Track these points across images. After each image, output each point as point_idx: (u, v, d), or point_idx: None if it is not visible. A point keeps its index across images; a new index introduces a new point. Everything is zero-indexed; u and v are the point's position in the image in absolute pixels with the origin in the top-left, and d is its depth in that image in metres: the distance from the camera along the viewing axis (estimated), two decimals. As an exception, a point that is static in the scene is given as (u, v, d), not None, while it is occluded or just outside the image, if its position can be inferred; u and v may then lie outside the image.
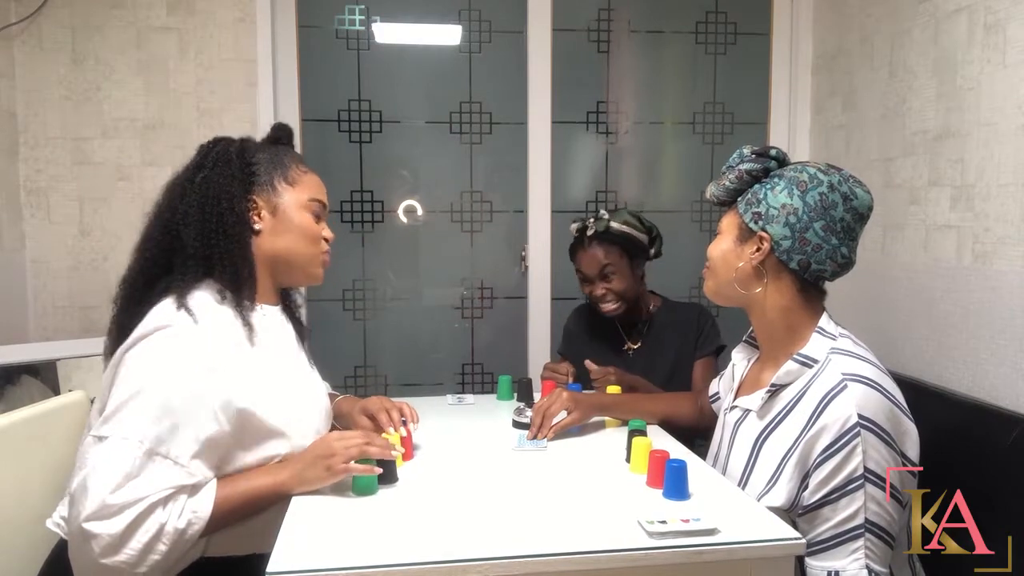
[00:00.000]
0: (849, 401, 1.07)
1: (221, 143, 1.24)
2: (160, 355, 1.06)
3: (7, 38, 2.06)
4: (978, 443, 1.39)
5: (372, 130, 2.35)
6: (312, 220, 1.27)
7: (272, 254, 1.24)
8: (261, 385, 1.15)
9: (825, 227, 1.17)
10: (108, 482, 0.98)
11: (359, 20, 2.32)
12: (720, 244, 1.27)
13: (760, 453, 1.20)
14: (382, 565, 0.92)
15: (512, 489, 1.19)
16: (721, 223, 1.28)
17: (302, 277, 1.31)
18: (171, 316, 1.09)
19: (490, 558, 0.93)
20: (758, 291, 1.22)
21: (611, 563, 0.95)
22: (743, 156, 1.24)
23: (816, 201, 1.16)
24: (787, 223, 1.17)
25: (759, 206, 1.20)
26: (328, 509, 1.09)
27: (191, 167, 1.22)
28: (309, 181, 1.28)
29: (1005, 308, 1.54)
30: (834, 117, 2.24)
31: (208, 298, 1.15)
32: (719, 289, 1.28)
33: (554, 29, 2.35)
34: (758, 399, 1.23)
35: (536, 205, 2.40)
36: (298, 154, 1.32)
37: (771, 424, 1.19)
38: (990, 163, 1.59)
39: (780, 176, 1.21)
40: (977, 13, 1.63)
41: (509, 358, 2.46)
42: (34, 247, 2.14)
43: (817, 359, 1.16)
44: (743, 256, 1.22)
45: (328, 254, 1.32)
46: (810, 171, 1.19)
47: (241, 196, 1.20)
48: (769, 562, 0.99)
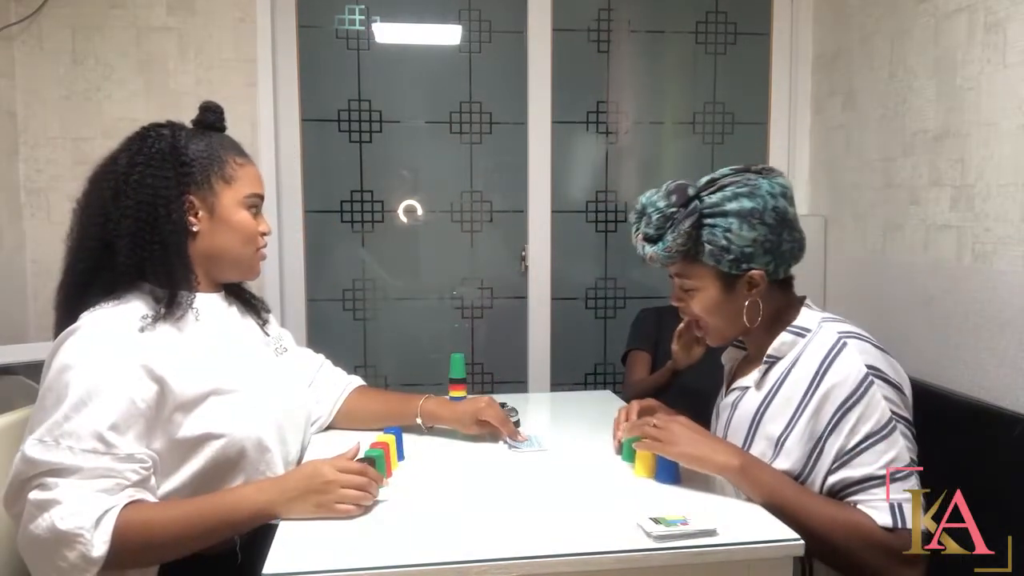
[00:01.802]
0: (854, 355, 1.13)
1: (151, 136, 1.19)
2: (70, 351, 1.06)
3: (7, 38, 2.06)
4: (978, 443, 1.39)
5: (372, 130, 2.35)
6: (249, 217, 1.24)
7: (208, 253, 1.21)
8: (186, 363, 1.12)
9: (789, 230, 1.21)
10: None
11: (359, 20, 2.31)
12: (705, 299, 1.24)
13: (760, 423, 1.21)
14: (379, 566, 0.92)
15: (511, 490, 1.19)
16: (687, 279, 1.24)
17: (237, 274, 1.29)
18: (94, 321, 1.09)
19: (489, 559, 0.93)
20: (760, 317, 1.23)
21: (610, 564, 0.95)
22: (670, 211, 1.19)
23: (773, 218, 1.19)
24: (765, 251, 1.19)
25: (730, 253, 1.18)
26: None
27: (122, 163, 1.17)
28: (245, 175, 1.24)
29: (1005, 308, 1.54)
30: (834, 117, 2.24)
31: (138, 307, 1.13)
32: (728, 335, 1.29)
33: (554, 29, 2.35)
34: (755, 375, 1.26)
35: (536, 205, 2.40)
36: (232, 141, 1.27)
37: (769, 393, 1.22)
38: (990, 163, 1.59)
39: (722, 213, 1.18)
40: (977, 13, 1.63)
41: (509, 358, 2.46)
42: (34, 247, 2.14)
43: (809, 328, 1.21)
44: (740, 298, 1.22)
45: (265, 248, 1.29)
46: (742, 194, 1.18)
47: (177, 198, 1.16)
48: (768, 562, 0.99)
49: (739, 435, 1.26)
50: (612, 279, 2.50)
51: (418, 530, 1.02)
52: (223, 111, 1.29)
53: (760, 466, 1.15)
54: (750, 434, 1.23)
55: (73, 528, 0.97)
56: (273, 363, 1.33)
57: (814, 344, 1.18)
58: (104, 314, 1.10)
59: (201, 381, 1.12)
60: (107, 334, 1.08)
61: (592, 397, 1.88)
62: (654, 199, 1.23)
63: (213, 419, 1.12)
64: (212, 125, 1.26)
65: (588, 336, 2.51)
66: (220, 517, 1.06)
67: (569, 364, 2.49)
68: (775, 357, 1.22)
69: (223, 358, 1.19)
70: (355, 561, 0.93)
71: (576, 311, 2.49)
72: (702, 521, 1.01)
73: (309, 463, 1.12)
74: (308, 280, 2.35)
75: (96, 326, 1.09)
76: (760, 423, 1.22)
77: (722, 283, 1.22)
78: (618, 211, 2.47)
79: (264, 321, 1.38)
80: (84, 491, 1.00)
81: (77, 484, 1.00)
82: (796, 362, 1.19)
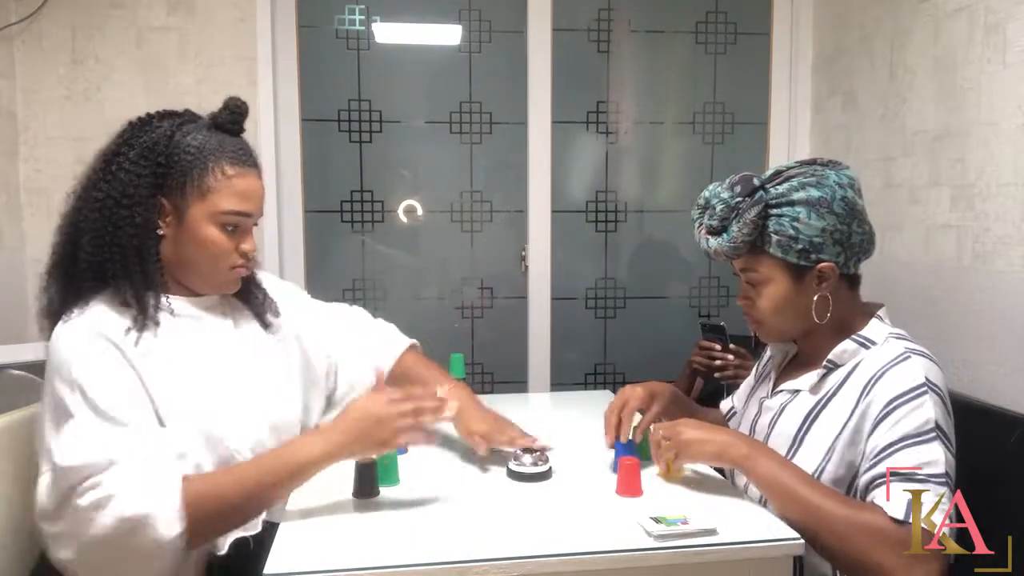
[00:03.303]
0: (917, 366, 1.09)
1: (148, 126, 1.14)
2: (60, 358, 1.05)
3: (7, 38, 2.06)
4: (978, 443, 1.38)
5: (372, 130, 2.35)
6: (218, 234, 1.14)
7: (175, 260, 1.16)
8: (159, 369, 1.10)
9: (858, 221, 1.18)
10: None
11: (359, 20, 2.31)
12: (773, 293, 1.19)
13: (811, 429, 1.18)
14: (380, 566, 0.92)
15: (511, 490, 1.19)
16: (755, 272, 1.20)
17: (208, 288, 1.21)
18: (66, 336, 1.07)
19: (489, 559, 0.93)
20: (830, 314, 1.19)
21: (610, 564, 0.95)
22: (734, 201, 1.17)
23: (843, 208, 1.15)
24: (835, 241, 1.15)
25: (798, 243, 1.15)
26: (326, 509, 1.08)
27: (111, 148, 1.14)
28: (228, 189, 1.14)
29: (1005, 308, 1.54)
30: (834, 117, 2.24)
31: (102, 312, 1.10)
32: (789, 331, 1.25)
33: (554, 29, 2.35)
34: (812, 377, 1.21)
35: (536, 205, 2.40)
36: (237, 148, 1.17)
37: (824, 399, 1.18)
38: (990, 163, 1.59)
39: (789, 203, 1.16)
40: (977, 13, 1.63)
41: (509, 358, 2.46)
42: (34, 247, 2.14)
43: (875, 341, 1.16)
44: (809, 292, 1.18)
45: (245, 267, 1.21)
46: (810, 184, 1.16)
47: (146, 199, 1.10)
48: (768, 562, 0.99)
49: (784, 438, 1.21)
50: (612, 279, 2.50)
51: (418, 530, 1.02)
52: (243, 114, 1.19)
53: (770, 454, 1.14)
54: (798, 438, 1.19)
55: (138, 512, 0.96)
56: (259, 369, 1.26)
57: (877, 355, 1.14)
58: (74, 324, 1.08)
59: (176, 401, 1.10)
60: (86, 337, 1.06)
61: (592, 397, 1.88)
62: (717, 191, 1.20)
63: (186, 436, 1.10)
64: (223, 125, 1.18)
65: (588, 336, 2.51)
66: (287, 469, 1.05)
67: (569, 364, 2.49)
68: (835, 364, 1.18)
69: (196, 376, 1.14)
70: (355, 561, 0.93)
71: (576, 311, 2.49)
72: (702, 520, 1.01)
73: (353, 404, 1.10)
74: (308, 280, 2.35)
75: (73, 332, 1.07)
76: (810, 429, 1.18)
77: (791, 276, 1.17)
78: (618, 211, 2.47)
79: (263, 321, 1.31)
80: (134, 476, 0.98)
81: (123, 472, 0.98)
82: (855, 369, 1.15)
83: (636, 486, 1.14)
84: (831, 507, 1.05)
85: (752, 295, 1.23)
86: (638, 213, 2.49)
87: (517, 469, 1.22)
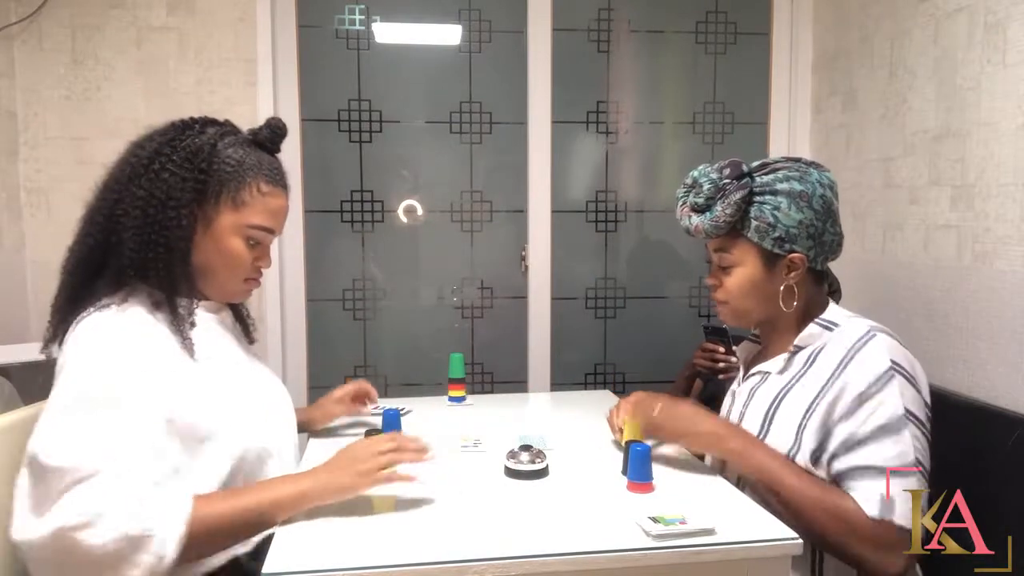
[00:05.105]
0: (880, 347, 1.15)
1: (192, 130, 1.17)
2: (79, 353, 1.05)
3: (7, 38, 2.06)
4: (978, 444, 1.39)
5: (372, 130, 2.35)
6: (242, 246, 1.19)
7: (196, 264, 1.18)
8: (189, 387, 1.11)
9: (832, 222, 1.24)
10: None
11: (359, 20, 2.32)
12: (742, 276, 1.26)
13: (778, 410, 1.22)
14: (379, 566, 0.92)
15: (510, 490, 1.19)
16: (728, 254, 1.26)
17: (219, 295, 1.25)
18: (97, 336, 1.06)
19: (488, 559, 0.93)
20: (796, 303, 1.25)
21: (609, 564, 0.95)
22: (722, 182, 1.23)
23: (821, 205, 1.22)
24: (809, 235, 1.22)
25: (775, 231, 1.21)
26: (325, 509, 1.08)
27: (152, 146, 1.15)
28: (261, 205, 1.19)
29: (1005, 308, 1.54)
30: (834, 117, 2.24)
31: (140, 313, 1.11)
32: (752, 315, 1.31)
33: (554, 29, 2.35)
34: (779, 361, 1.27)
35: (536, 205, 2.40)
36: (273, 167, 1.23)
37: (791, 381, 1.23)
38: (990, 163, 1.59)
39: (772, 192, 1.22)
40: (977, 13, 1.63)
41: (509, 358, 2.46)
42: (34, 247, 2.14)
43: (838, 323, 1.22)
44: (777, 280, 1.24)
45: (257, 281, 1.26)
46: (794, 178, 1.22)
47: (188, 204, 1.13)
48: (767, 562, 0.99)
49: (756, 419, 1.26)
50: (612, 279, 2.50)
51: (416, 529, 1.02)
52: (282, 134, 1.25)
53: (746, 437, 1.20)
54: (767, 418, 1.23)
55: (141, 531, 0.94)
56: (261, 376, 1.32)
57: (843, 334, 1.20)
58: (106, 316, 1.08)
59: (204, 415, 1.11)
60: (114, 336, 1.07)
61: (592, 397, 1.88)
62: (706, 171, 1.27)
63: (212, 453, 1.11)
64: (262, 143, 1.23)
65: (588, 336, 2.51)
66: (272, 503, 1.04)
67: (569, 364, 2.49)
68: (800, 346, 1.25)
69: (226, 392, 1.17)
70: (355, 561, 0.93)
71: (576, 311, 2.49)
72: (701, 520, 1.01)
73: (339, 450, 1.14)
74: (308, 280, 2.35)
75: (100, 328, 1.07)
76: (779, 408, 1.22)
77: (763, 261, 1.24)
78: (618, 211, 2.47)
79: (248, 335, 1.37)
80: (135, 491, 0.96)
81: (122, 485, 0.96)
82: (822, 349, 1.21)
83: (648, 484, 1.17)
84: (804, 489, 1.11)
85: (721, 276, 1.29)
86: (638, 213, 2.49)
87: (514, 467, 1.22)
